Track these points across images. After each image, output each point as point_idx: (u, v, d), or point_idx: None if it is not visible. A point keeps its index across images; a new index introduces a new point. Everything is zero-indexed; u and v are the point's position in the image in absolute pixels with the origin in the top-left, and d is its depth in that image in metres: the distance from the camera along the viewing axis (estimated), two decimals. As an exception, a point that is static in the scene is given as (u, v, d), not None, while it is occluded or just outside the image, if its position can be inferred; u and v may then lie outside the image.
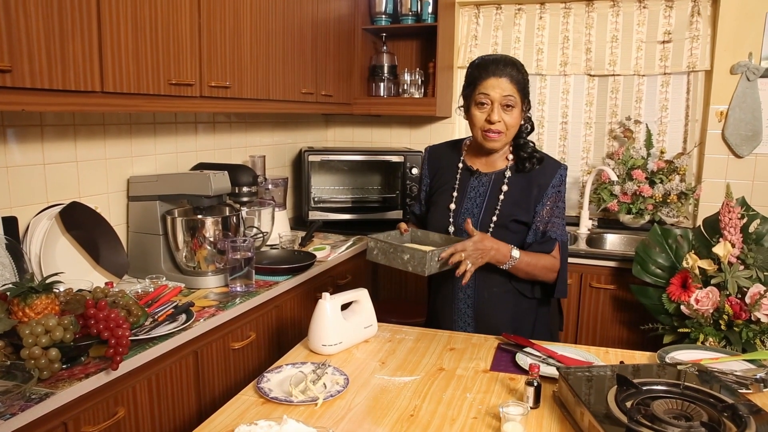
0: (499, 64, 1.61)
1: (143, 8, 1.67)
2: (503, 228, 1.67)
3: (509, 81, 1.60)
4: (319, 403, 1.26)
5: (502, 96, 1.60)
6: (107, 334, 1.26)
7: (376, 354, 1.56)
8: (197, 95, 1.92)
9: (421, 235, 1.73)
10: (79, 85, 1.49)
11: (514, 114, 1.63)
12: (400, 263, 1.55)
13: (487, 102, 1.61)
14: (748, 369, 1.43)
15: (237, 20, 2.07)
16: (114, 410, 1.38)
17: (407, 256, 1.53)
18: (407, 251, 1.54)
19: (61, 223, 1.79)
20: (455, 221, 1.72)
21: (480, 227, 1.68)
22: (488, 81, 1.60)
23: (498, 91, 1.59)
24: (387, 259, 1.58)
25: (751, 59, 2.67)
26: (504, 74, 1.60)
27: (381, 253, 1.60)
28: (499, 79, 1.59)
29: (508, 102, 1.60)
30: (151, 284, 1.84)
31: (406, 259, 1.54)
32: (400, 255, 1.55)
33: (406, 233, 1.73)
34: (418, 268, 1.51)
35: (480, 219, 1.69)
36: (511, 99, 1.60)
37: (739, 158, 2.76)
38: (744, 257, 2.08)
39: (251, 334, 1.89)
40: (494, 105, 1.60)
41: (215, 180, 1.94)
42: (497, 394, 1.34)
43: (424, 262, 1.50)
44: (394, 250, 1.57)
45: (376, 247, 1.61)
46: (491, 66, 1.61)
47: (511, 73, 1.60)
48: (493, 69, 1.60)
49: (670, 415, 1.12)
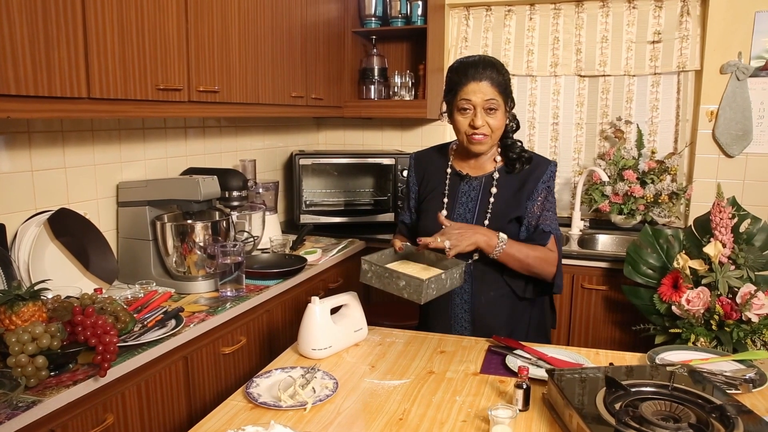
0: (478, 67, 1.58)
1: (129, 13, 1.66)
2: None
3: (490, 84, 1.58)
4: (308, 408, 1.26)
5: (483, 100, 1.58)
6: (95, 340, 1.26)
7: (366, 358, 1.55)
8: (186, 100, 1.91)
9: (416, 251, 1.68)
10: (65, 91, 1.49)
11: (498, 116, 1.61)
12: (395, 289, 1.50)
13: (470, 107, 1.59)
14: (738, 369, 1.43)
15: (225, 24, 2.07)
16: (103, 417, 1.37)
17: (403, 282, 1.48)
18: (403, 278, 1.49)
19: (50, 230, 1.78)
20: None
21: None
22: (468, 86, 1.58)
23: (479, 95, 1.58)
24: (382, 284, 1.53)
25: (741, 59, 2.68)
26: (484, 77, 1.57)
27: (375, 276, 1.54)
28: (479, 84, 1.57)
29: (491, 105, 1.59)
30: (141, 290, 1.83)
31: (401, 285, 1.49)
32: (395, 281, 1.50)
33: (401, 251, 1.67)
34: (414, 296, 1.47)
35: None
36: (493, 102, 1.59)
37: (729, 158, 2.77)
38: (735, 257, 2.09)
39: (242, 338, 1.88)
40: (477, 110, 1.59)
41: (204, 185, 1.93)
42: (487, 396, 1.34)
43: (420, 290, 1.45)
44: (389, 275, 1.51)
45: (370, 270, 1.55)
46: (470, 70, 1.58)
47: (491, 75, 1.58)
48: (472, 73, 1.58)
49: (659, 417, 1.12)
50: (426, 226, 1.73)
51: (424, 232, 1.73)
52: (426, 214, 1.75)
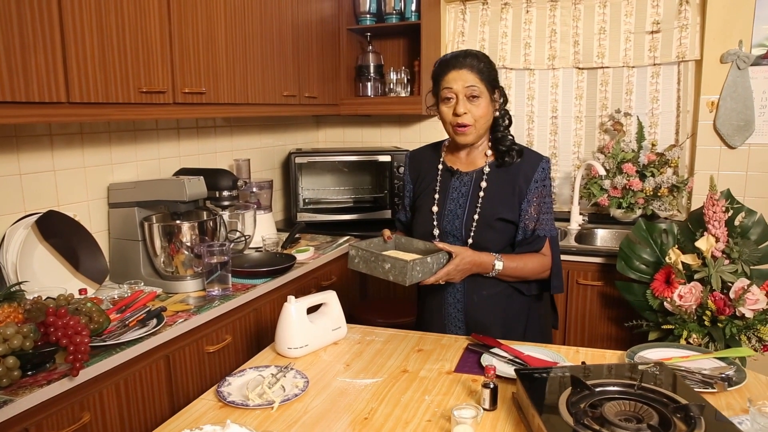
0: (459, 57, 1.61)
1: (109, 16, 1.68)
2: (488, 228, 1.64)
3: (470, 71, 1.58)
4: (275, 407, 1.27)
5: (464, 87, 1.58)
6: (66, 341, 1.28)
7: (342, 356, 1.56)
8: (170, 102, 1.93)
9: (405, 242, 1.70)
10: (43, 96, 1.51)
11: (481, 104, 1.60)
12: (381, 272, 1.53)
13: (452, 96, 1.60)
14: (717, 367, 1.40)
15: (210, 25, 2.08)
16: (79, 415, 1.40)
17: (388, 265, 1.51)
18: (388, 260, 1.51)
19: (38, 232, 1.82)
20: (439, 224, 1.69)
21: (464, 229, 1.65)
22: (449, 74, 1.60)
23: (460, 82, 1.58)
24: (368, 268, 1.56)
25: (741, 47, 2.61)
26: (464, 66, 1.59)
27: (362, 261, 1.57)
28: (459, 71, 1.58)
29: (472, 93, 1.59)
30: (129, 290, 1.86)
31: (387, 268, 1.51)
32: (381, 264, 1.53)
33: (390, 240, 1.69)
34: (399, 278, 1.49)
35: (464, 220, 1.66)
36: (474, 89, 1.58)
37: (731, 149, 2.70)
38: (729, 251, 2.04)
39: (227, 337, 1.90)
40: (458, 97, 1.59)
41: (190, 185, 1.95)
42: (457, 395, 1.33)
43: (405, 271, 1.47)
44: (375, 259, 1.54)
45: (357, 255, 1.58)
46: (451, 60, 1.61)
47: (471, 63, 1.59)
48: (453, 62, 1.60)
49: (621, 417, 1.10)
50: (419, 223, 1.73)
51: (417, 229, 1.74)
52: (418, 211, 1.75)
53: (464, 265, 1.56)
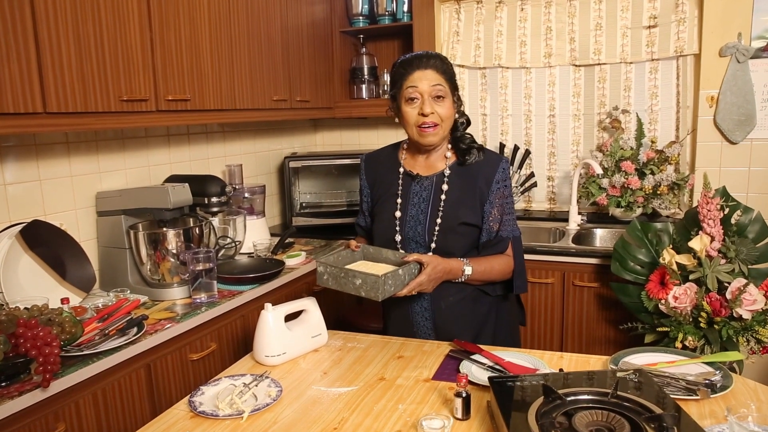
0: (422, 57, 1.59)
1: (86, 24, 1.68)
2: (451, 232, 1.62)
3: (435, 71, 1.57)
4: (245, 417, 1.25)
5: (431, 86, 1.56)
6: (35, 352, 1.28)
7: (321, 364, 1.53)
8: (153, 110, 1.93)
9: (374, 251, 1.64)
10: (18, 107, 1.51)
11: (446, 104, 1.58)
12: (352, 288, 1.46)
13: (417, 96, 1.57)
14: (703, 372, 1.35)
15: (194, 30, 2.07)
16: (54, 426, 1.39)
17: (359, 281, 1.45)
18: (359, 276, 1.45)
19: (23, 242, 1.83)
20: (402, 230, 1.66)
21: (427, 234, 1.63)
22: (414, 74, 1.57)
23: (426, 82, 1.56)
24: (338, 284, 1.49)
25: (741, 40, 2.53)
26: (429, 66, 1.57)
27: (331, 278, 1.50)
28: (425, 71, 1.56)
29: (438, 92, 1.56)
30: (114, 298, 1.86)
31: (358, 284, 1.45)
32: (351, 280, 1.46)
33: (358, 250, 1.64)
34: (371, 293, 1.43)
35: (426, 226, 1.64)
36: (440, 89, 1.56)
37: (733, 144, 2.63)
38: (725, 250, 1.98)
39: (212, 344, 1.89)
40: (425, 97, 1.56)
41: (174, 193, 1.95)
42: (431, 404, 1.30)
43: (377, 286, 1.42)
44: (345, 275, 1.47)
45: (326, 272, 1.51)
46: (415, 60, 1.59)
47: (436, 63, 1.58)
48: (417, 63, 1.58)
49: (592, 428, 1.06)
50: (380, 229, 1.70)
51: (378, 235, 1.71)
52: (379, 217, 1.71)
53: (436, 273, 1.53)
